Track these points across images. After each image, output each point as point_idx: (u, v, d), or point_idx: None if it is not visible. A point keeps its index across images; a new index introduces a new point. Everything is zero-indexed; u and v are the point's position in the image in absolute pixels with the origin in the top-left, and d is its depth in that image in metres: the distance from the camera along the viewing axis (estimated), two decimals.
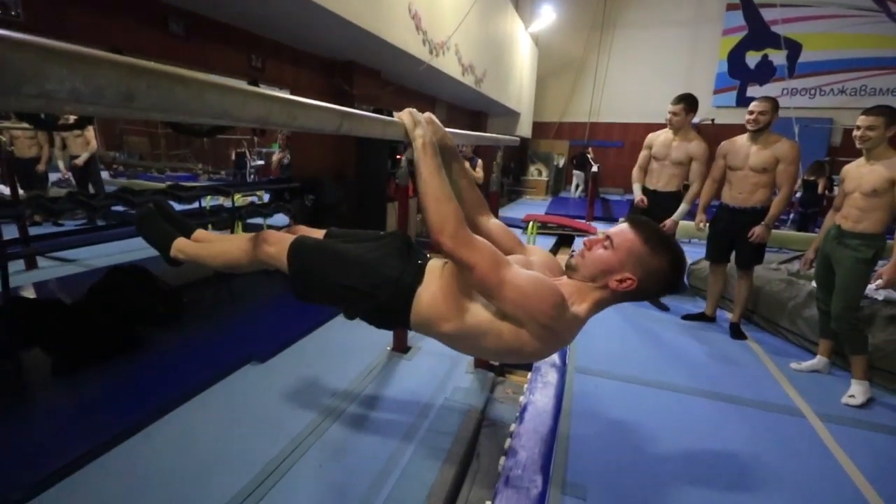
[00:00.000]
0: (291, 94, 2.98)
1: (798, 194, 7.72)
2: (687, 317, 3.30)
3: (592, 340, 2.88)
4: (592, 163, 10.18)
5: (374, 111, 4.76)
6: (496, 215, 2.55)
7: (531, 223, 4.86)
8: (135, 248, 4.07)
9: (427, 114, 1.11)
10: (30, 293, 3.24)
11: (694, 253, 4.95)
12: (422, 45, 4.53)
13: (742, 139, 2.85)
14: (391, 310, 1.11)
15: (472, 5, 5.01)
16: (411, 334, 2.79)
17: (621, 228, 1.01)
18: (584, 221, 6.97)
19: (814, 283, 2.74)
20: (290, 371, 2.37)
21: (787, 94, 11.05)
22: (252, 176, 10.27)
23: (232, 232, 4.03)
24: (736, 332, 3.02)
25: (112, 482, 1.58)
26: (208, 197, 4.24)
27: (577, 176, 11.27)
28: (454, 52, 5.47)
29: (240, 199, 5.63)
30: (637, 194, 3.33)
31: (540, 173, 12.87)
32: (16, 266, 3.64)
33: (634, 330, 3.12)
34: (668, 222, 3.19)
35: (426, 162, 0.98)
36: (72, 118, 4.17)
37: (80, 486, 1.55)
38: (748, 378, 2.51)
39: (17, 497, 1.48)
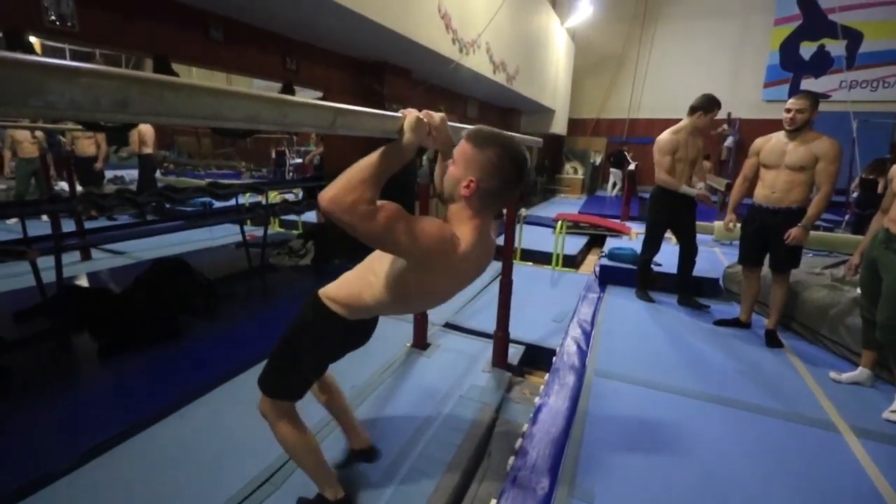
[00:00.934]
0: (325, 95, 3.11)
1: (855, 194, 7.23)
2: (720, 322, 3.17)
3: (615, 343, 2.82)
4: (630, 160, 9.91)
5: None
6: (511, 221, 2.53)
7: (560, 222, 4.78)
8: (178, 242, 4.33)
9: (440, 116, 1.06)
10: (83, 282, 3.51)
11: (731, 255, 4.74)
12: (451, 44, 4.56)
13: (778, 136, 2.71)
14: (325, 323, 1.28)
15: (502, 4, 4.98)
16: (431, 332, 2.83)
17: (459, 144, 1.08)
18: (618, 221, 6.79)
19: (858, 290, 2.58)
20: None
21: (846, 86, 10.39)
22: (291, 173, 10.64)
23: (266, 228, 4.20)
24: (772, 340, 2.87)
25: (146, 458, 1.70)
26: (247, 194, 4.43)
27: (615, 174, 10.97)
28: (485, 50, 5.46)
29: (275, 196, 5.86)
30: (692, 190, 3.29)
31: (575, 171, 12.63)
32: (73, 257, 3.95)
33: (662, 334, 3.03)
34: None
35: (389, 158, 0.96)
36: None
37: (119, 460, 1.69)
38: (781, 388, 2.39)
39: (62, 467, 1.62)
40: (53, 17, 2.47)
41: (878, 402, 2.23)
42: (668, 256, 4.30)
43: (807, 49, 10.85)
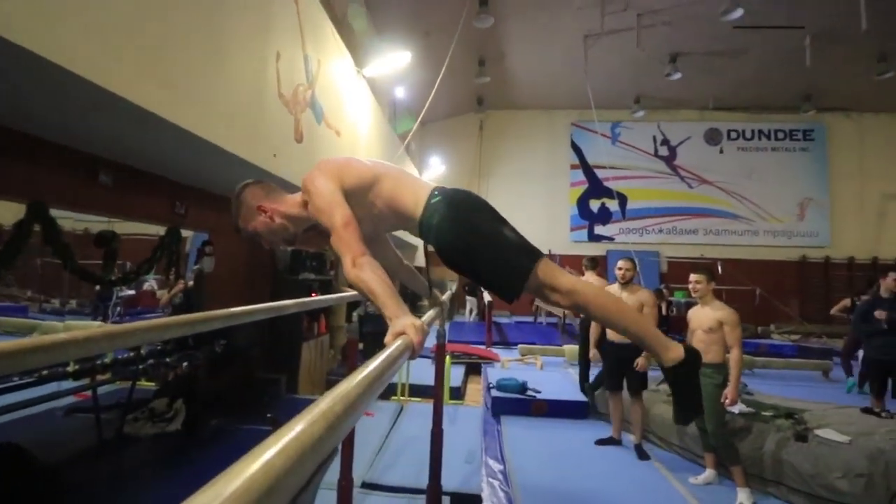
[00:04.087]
0: (211, 235, 3.18)
1: None
2: (599, 441, 3.69)
3: (529, 478, 3.04)
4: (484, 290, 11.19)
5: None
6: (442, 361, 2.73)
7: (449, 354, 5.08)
8: None
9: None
10: None
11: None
12: None
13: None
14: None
15: None
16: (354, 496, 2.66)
17: (247, 229, 1.48)
18: (484, 348, 7.44)
19: None
20: None
21: (624, 232, 13.98)
22: (118, 309, 8.99)
23: (132, 387, 3.51)
24: (640, 454, 3.45)
25: None
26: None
27: (470, 301, 12.15)
28: None
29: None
30: None
31: None
32: None
33: (562, 461, 3.36)
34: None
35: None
36: None
37: None
38: (659, 499, 2.87)
39: None
40: None
41: (727, 493, 2.87)
42: (544, 383, 4.88)
43: (594, 205, 14.47)
